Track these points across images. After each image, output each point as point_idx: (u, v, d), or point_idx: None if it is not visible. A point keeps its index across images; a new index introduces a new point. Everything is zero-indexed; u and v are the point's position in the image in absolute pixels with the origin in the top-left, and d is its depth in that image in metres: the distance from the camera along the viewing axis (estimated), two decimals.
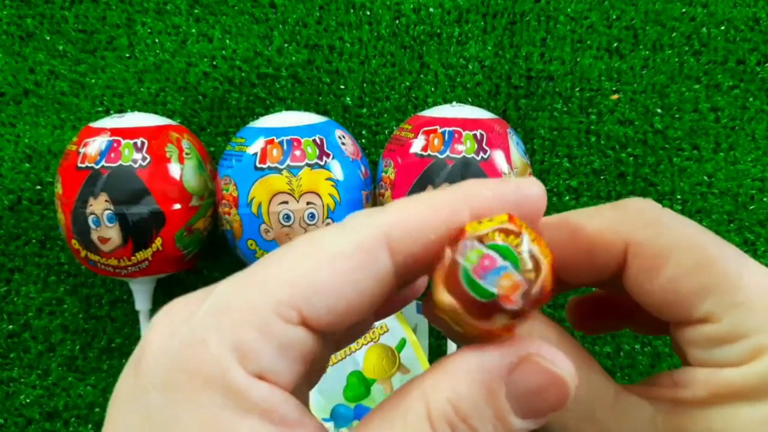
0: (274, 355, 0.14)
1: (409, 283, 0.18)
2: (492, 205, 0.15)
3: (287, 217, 0.39)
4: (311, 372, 0.18)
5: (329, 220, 0.39)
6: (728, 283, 0.15)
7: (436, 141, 0.39)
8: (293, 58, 0.48)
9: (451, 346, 0.44)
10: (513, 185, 0.16)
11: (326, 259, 0.14)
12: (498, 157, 0.39)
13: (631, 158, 0.47)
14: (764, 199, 0.47)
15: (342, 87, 0.48)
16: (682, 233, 0.16)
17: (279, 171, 0.39)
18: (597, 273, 0.17)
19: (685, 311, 0.16)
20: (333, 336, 0.16)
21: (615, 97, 0.48)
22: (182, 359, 0.14)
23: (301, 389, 0.17)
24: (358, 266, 0.14)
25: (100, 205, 0.39)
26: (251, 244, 0.40)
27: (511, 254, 0.13)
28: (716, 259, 0.16)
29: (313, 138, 0.40)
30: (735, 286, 0.15)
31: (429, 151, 0.39)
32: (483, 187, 0.15)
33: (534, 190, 0.16)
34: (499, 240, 0.14)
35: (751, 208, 0.47)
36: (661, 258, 0.16)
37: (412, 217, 0.15)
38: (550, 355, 0.14)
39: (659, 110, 0.47)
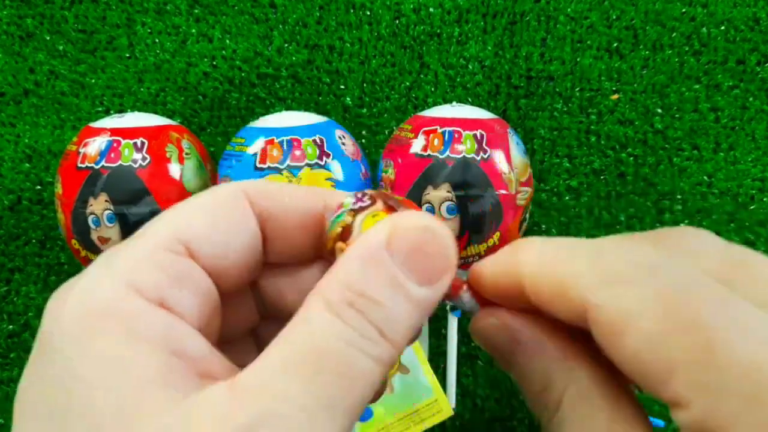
0: (170, 285, 0.14)
1: (290, 257, 0.19)
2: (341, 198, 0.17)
3: None
4: (223, 329, 0.18)
5: None
6: (703, 355, 0.12)
7: (436, 141, 0.39)
8: (293, 58, 0.48)
9: (451, 347, 0.44)
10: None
11: (199, 205, 0.16)
12: (498, 157, 0.39)
13: (631, 158, 0.47)
14: (764, 199, 0.47)
15: (342, 87, 0.48)
16: (649, 288, 0.13)
17: (279, 171, 0.39)
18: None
19: (657, 390, 0.13)
20: (229, 287, 0.17)
21: (615, 97, 0.47)
22: (78, 313, 0.13)
23: (213, 339, 0.17)
24: (225, 209, 0.16)
25: (100, 205, 0.39)
26: None
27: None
28: (694, 321, 0.12)
29: (313, 138, 0.40)
30: (706, 360, 0.12)
31: (429, 151, 0.39)
32: (335, 192, 0.18)
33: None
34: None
35: (751, 208, 0.47)
36: (619, 325, 0.13)
37: (267, 185, 0.18)
38: (414, 217, 0.15)
39: (659, 110, 0.47)
